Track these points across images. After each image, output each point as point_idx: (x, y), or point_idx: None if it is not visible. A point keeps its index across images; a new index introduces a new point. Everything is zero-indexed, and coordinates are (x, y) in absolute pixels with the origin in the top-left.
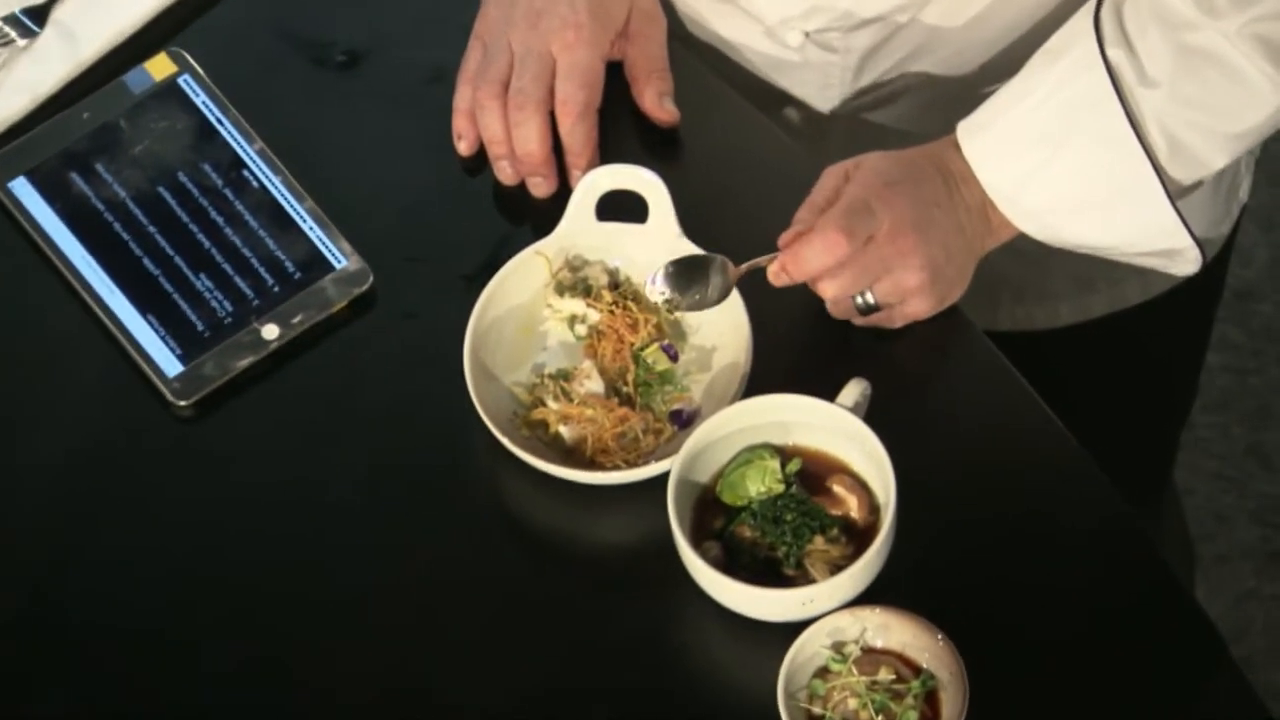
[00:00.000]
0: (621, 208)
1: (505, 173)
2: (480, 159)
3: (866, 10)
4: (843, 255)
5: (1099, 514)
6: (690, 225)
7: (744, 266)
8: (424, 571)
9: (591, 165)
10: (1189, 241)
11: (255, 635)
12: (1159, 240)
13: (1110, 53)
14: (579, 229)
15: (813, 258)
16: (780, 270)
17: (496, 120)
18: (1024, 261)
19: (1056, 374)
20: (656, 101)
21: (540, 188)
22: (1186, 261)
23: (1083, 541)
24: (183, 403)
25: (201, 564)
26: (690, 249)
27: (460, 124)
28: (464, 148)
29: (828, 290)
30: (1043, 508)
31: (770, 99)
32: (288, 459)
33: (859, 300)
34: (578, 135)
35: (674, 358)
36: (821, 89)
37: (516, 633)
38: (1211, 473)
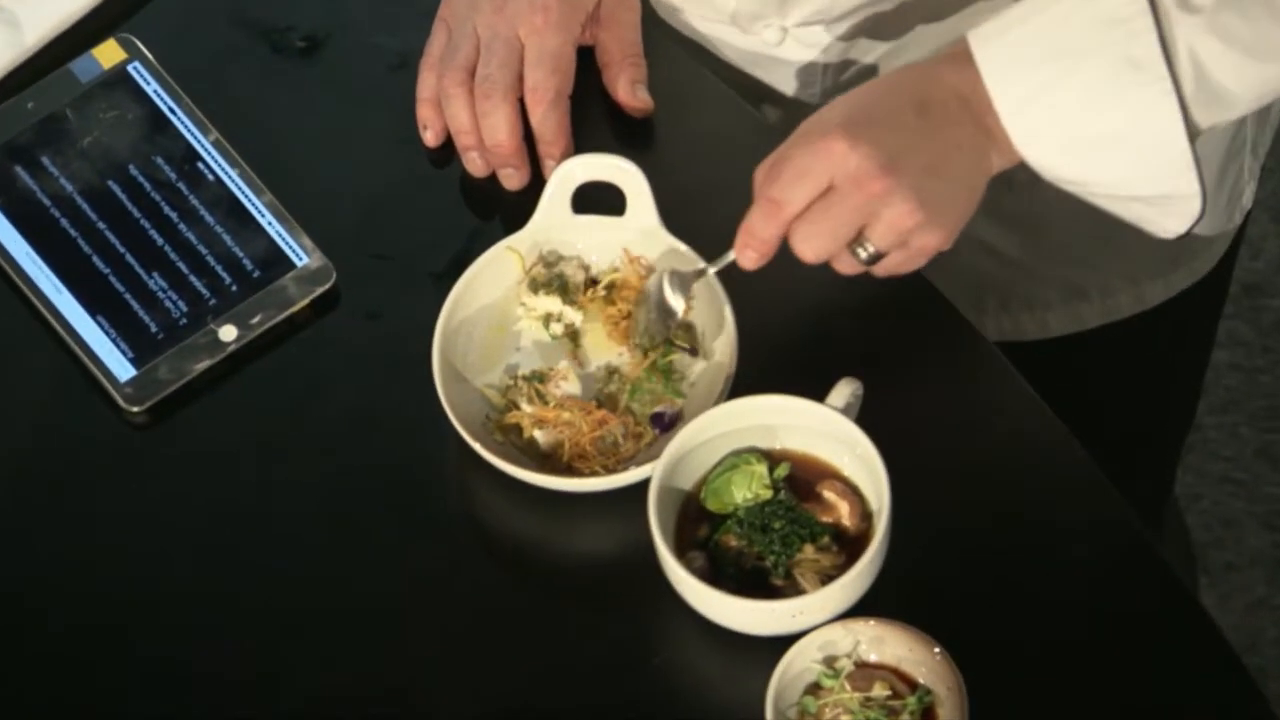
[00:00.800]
0: (598, 200)
1: (475, 164)
2: (448, 150)
3: (847, 1)
4: (785, 218)
5: (1103, 521)
6: (670, 218)
7: (715, 266)
8: (390, 586)
9: (565, 154)
10: (1195, 187)
11: (211, 655)
12: (1163, 181)
13: None
14: (553, 222)
15: (758, 228)
16: (743, 247)
17: (463, 109)
18: (1009, 267)
19: (1049, 385)
20: (629, 89)
21: (512, 179)
22: (1182, 214)
23: (1086, 549)
24: (135, 408)
25: (153, 580)
26: (671, 243)
27: (425, 113)
28: (430, 138)
29: (805, 253)
30: (1044, 514)
31: (750, 93)
32: (246, 467)
33: (860, 253)
34: (549, 124)
35: (693, 353)
36: (804, 85)
37: (489, 650)
38: (1219, 476)
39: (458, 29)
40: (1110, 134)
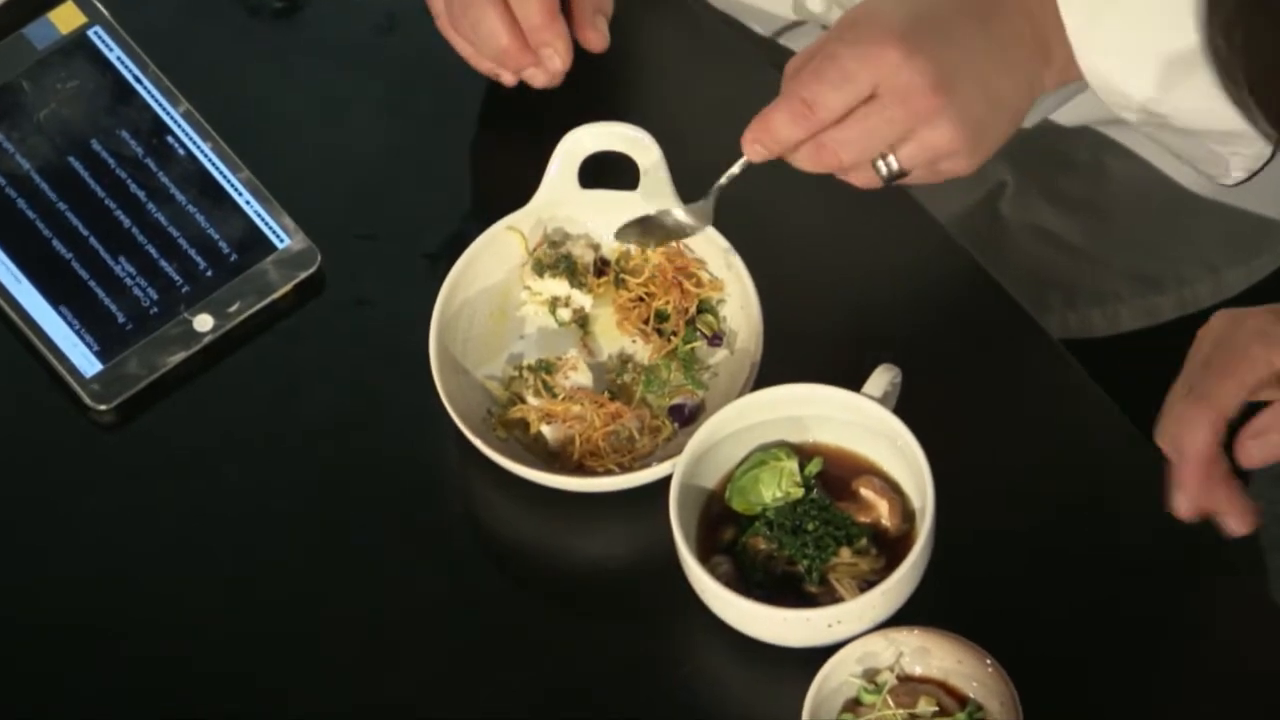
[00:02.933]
0: (608, 174)
1: (506, 79)
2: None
3: None
4: (814, 124)
5: (1168, 523)
6: (688, 193)
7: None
8: (386, 597)
9: (560, 40)
10: (1265, 125)
11: (189, 673)
12: (1233, 114)
13: None
14: (559, 198)
15: (781, 127)
16: (753, 141)
17: (457, 37)
18: (1073, 257)
19: (1118, 385)
20: (588, 17)
21: (538, 77)
22: (1249, 155)
23: (1152, 554)
24: (103, 406)
25: (123, 593)
26: (687, 218)
27: (514, 54)
28: (557, 59)
29: (828, 161)
30: (1106, 515)
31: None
32: (224, 471)
33: (882, 168)
34: (533, 5)
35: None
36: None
37: (496, 668)
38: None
39: None
40: (1180, 51)
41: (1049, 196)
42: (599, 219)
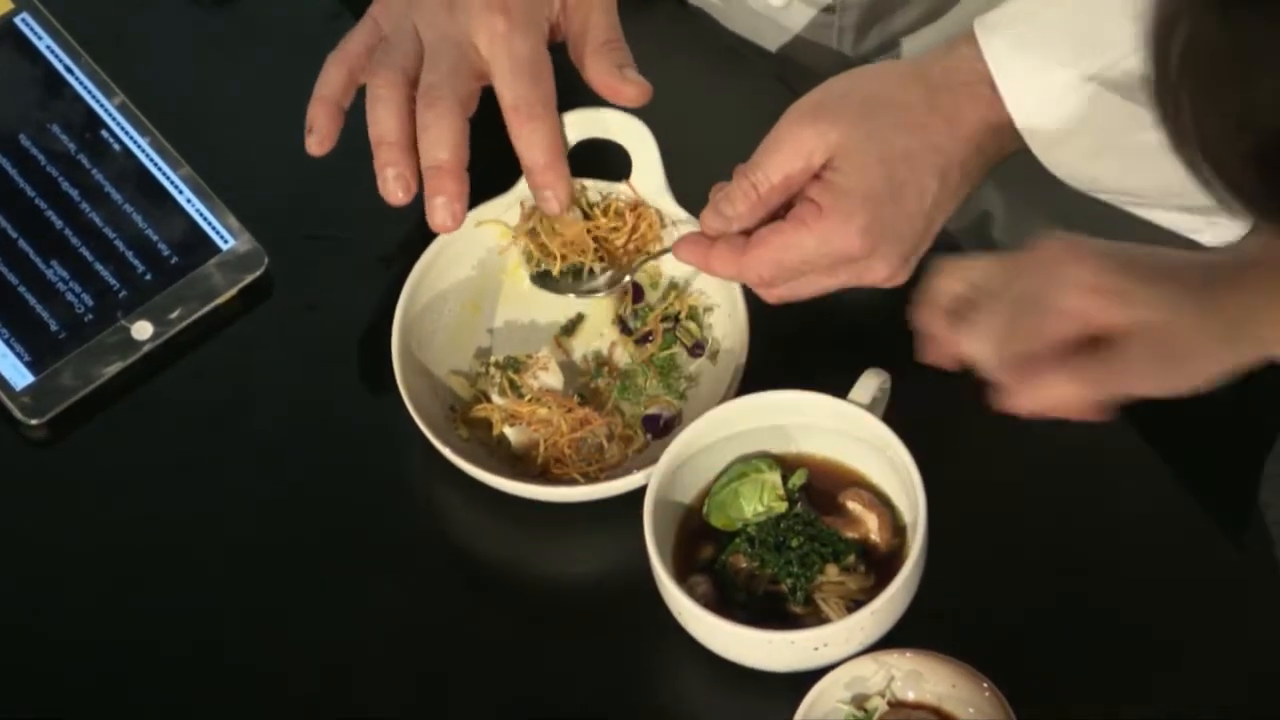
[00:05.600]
0: (598, 161)
1: (394, 186)
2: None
3: None
4: (764, 291)
5: (1177, 538)
6: (679, 182)
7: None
8: (343, 620)
9: (563, 184)
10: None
11: (126, 705)
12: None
13: None
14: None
15: (716, 268)
16: (684, 255)
17: (393, 115)
18: None
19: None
20: (617, 74)
21: (441, 212)
22: (1231, 227)
23: (1153, 570)
24: (34, 420)
25: (59, 625)
26: (679, 214)
27: (317, 113)
28: (313, 145)
29: (769, 299)
30: (1107, 529)
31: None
32: (167, 488)
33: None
34: (541, 142)
35: (697, 354)
36: (817, 57)
37: (456, 695)
38: None
39: (394, 29)
40: (1144, 143)
41: (1045, 218)
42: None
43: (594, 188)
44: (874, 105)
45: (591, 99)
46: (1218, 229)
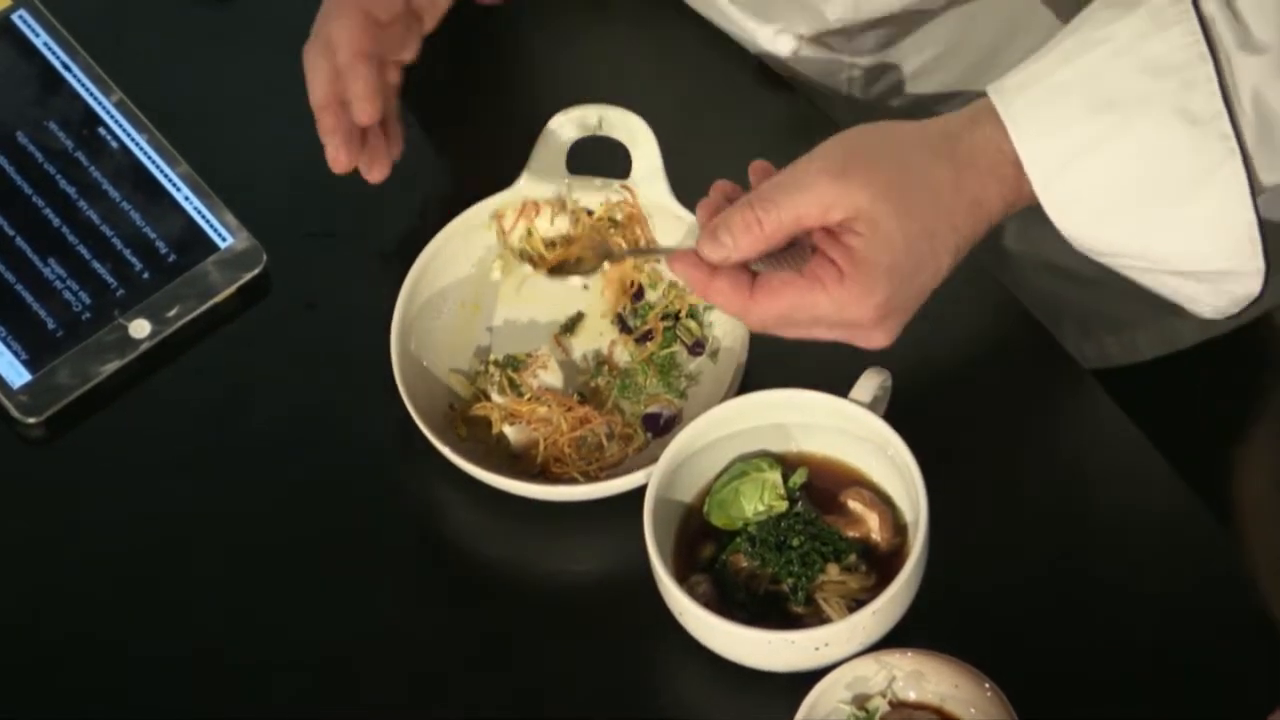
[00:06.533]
0: (597, 159)
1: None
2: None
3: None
4: (759, 330)
5: (1180, 538)
6: (681, 181)
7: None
8: (342, 620)
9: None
10: (1258, 263)
11: (125, 705)
12: (1220, 256)
13: (1205, 5)
14: (545, 183)
15: (715, 300)
16: (682, 274)
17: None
18: (1088, 287)
19: (1143, 413)
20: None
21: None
22: (1236, 294)
23: (1155, 570)
24: (32, 419)
25: (57, 622)
26: (678, 210)
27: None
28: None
29: (755, 328)
30: (1111, 528)
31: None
32: (164, 487)
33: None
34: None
35: (697, 352)
36: (826, 102)
37: (457, 694)
38: None
39: None
40: (1160, 203)
41: (1062, 238)
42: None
43: (593, 185)
44: (904, 178)
45: (590, 98)
46: (1219, 296)
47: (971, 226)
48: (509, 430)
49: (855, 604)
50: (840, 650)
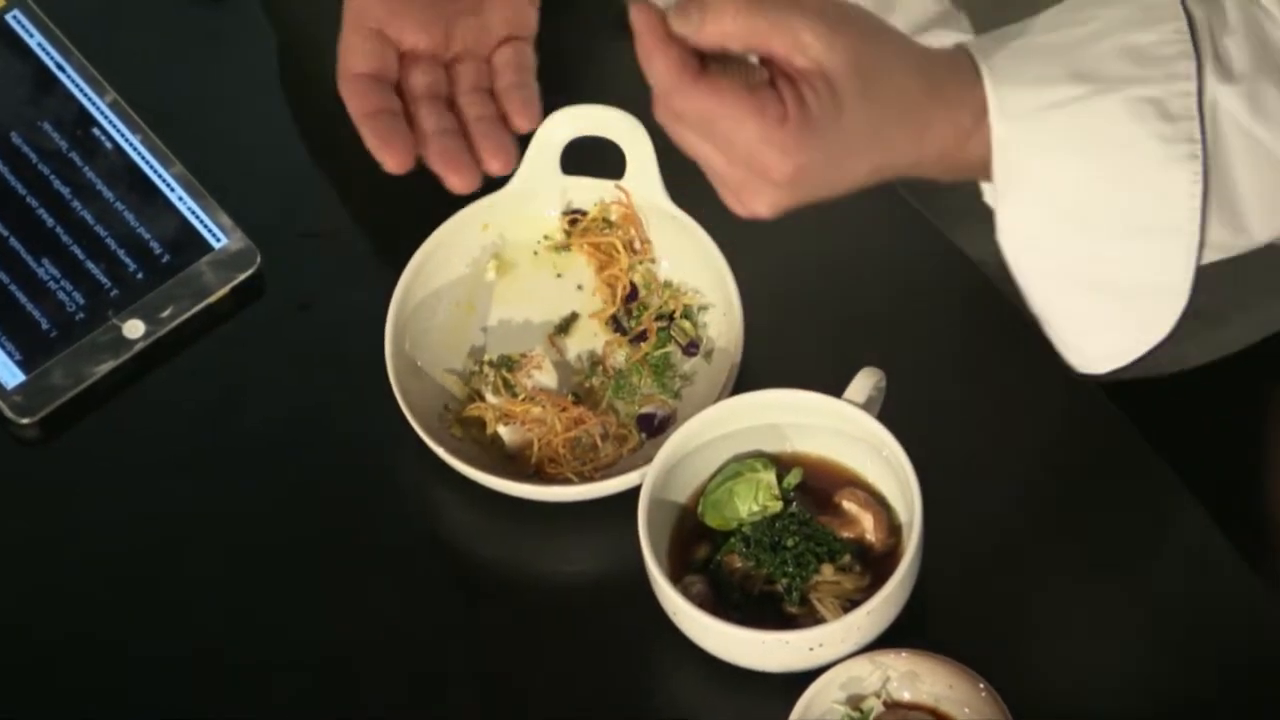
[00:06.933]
0: (592, 159)
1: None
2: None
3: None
4: (670, 126)
5: (1176, 538)
6: (675, 181)
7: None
8: (337, 621)
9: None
10: (1187, 284)
11: (123, 706)
12: (1155, 260)
13: (1194, 8)
14: (538, 185)
15: (653, 65)
16: (638, 19)
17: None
18: None
19: (1181, 424)
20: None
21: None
22: (1157, 324)
23: (1152, 570)
24: (25, 420)
25: (49, 624)
26: (673, 211)
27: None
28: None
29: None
30: (1107, 528)
31: None
32: (159, 488)
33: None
34: None
35: (692, 352)
36: None
37: (450, 692)
38: None
39: None
40: (1113, 184)
41: None
42: (580, 204)
43: (587, 185)
44: (882, 71)
45: (586, 97)
46: (1121, 329)
47: (905, 156)
48: (504, 431)
49: (850, 604)
50: (835, 651)
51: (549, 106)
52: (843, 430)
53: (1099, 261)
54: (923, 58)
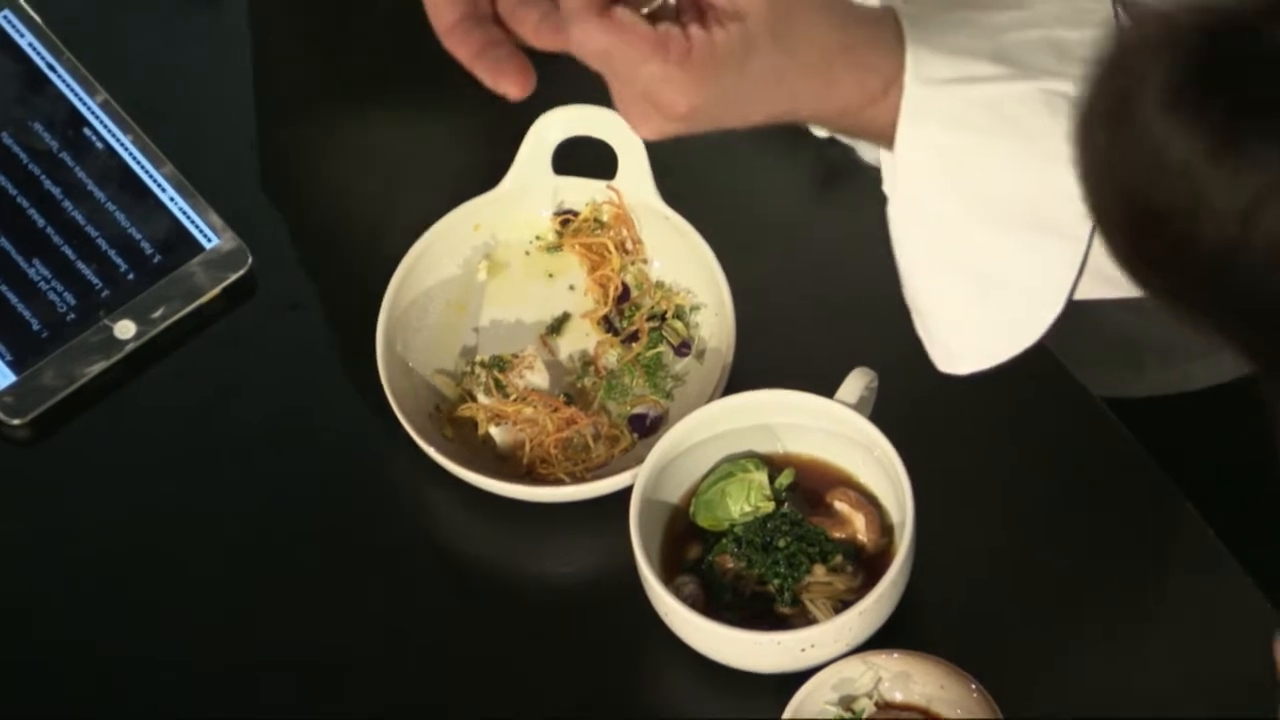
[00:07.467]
0: (584, 159)
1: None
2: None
3: None
4: (587, 59)
5: (1171, 539)
6: (668, 181)
7: None
8: (328, 622)
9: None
10: (1071, 273)
11: (112, 708)
12: (1041, 256)
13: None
14: (530, 185)
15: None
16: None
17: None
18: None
19: (1191, 444)
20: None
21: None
22: (1029, 329)
23: (1145, 574)
24: (16, 420)
25: (43, 625)
26: (665, 211)
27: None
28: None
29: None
30: (1097, 528)
31: None
32: (150, 489)
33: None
34: None
35: (684, 353)
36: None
37: (441, 693)
38: None
39: None
40: (1017, 168)
41: None
42: (569, 206)
43: (579, 186)
44: (802, 16)
45: (578, 97)
46: (995, 324)
47: (806, 107)
48: (495, 431)
49: (842, 605)
50: (827, 651)
51: (541, 107)
52: (835, 431)
53: (985, 250)
54: (845, 13)
